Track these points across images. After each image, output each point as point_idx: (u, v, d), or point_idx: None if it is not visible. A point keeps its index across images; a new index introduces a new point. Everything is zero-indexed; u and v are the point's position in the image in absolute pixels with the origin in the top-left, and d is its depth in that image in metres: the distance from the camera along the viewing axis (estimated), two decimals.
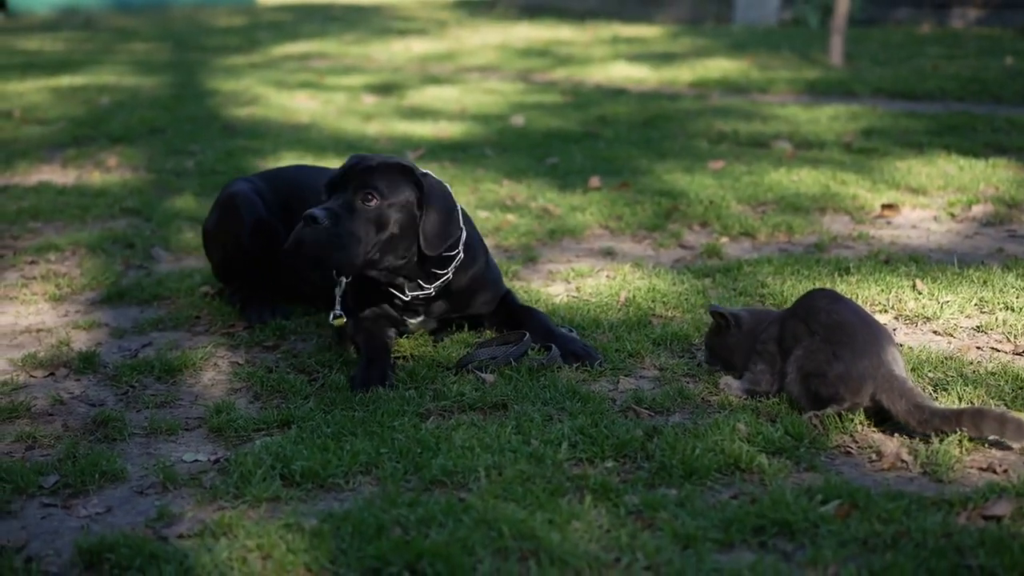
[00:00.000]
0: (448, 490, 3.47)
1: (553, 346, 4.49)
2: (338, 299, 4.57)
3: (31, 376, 4.58)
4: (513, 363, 4.42)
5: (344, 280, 4.55)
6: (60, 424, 4.11)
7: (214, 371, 4.62)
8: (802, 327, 3.94)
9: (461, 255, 4.63)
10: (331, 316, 4.55)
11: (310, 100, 11.57)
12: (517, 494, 3.38)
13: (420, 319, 4.76)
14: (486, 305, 4.83)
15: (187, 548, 3.16)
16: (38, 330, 5.10)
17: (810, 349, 3.87)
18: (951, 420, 3.65)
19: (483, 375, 4.34)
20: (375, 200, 4.33)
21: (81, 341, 4.95)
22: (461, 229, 4.61)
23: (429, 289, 4.60)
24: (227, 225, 5.20)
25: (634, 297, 5.21)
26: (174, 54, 15.90)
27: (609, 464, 3.61)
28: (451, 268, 4.61)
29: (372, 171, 4.37)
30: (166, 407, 4.28)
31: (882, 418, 3.82)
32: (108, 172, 8.22)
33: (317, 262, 4.32)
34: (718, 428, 3.77)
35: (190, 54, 15.88)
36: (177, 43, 17.30)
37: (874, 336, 3.84)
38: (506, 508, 3.29)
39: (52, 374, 4.60)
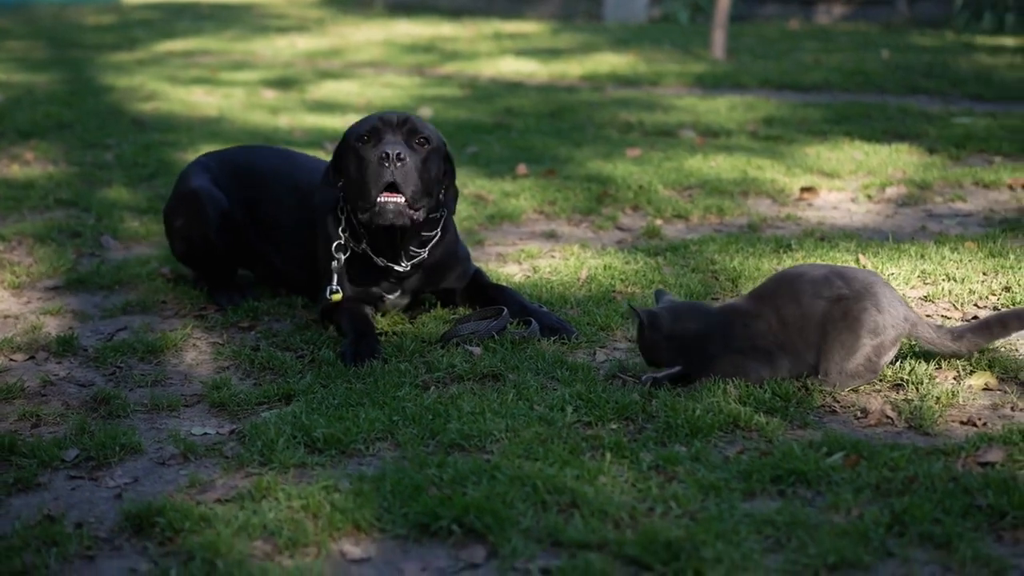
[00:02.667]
0: (469, 453, 3.60)
1: (532, 320, 4.65)
2: (335, 275, 4.68)
3: (11, 360, 4.59)
4: (495, 336, 4.57)
5: (342, 256, 4.67)
6: (59, 403, 4.14)
7: (195, 351, 4.68)
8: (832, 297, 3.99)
9: (439, 234, 4.79)
10: (328, 291, 4.66)
11: (208, 96, 11.52)
12: (539, 454, 3.52)
13: (396, 294, 4.87)
14: (458, 280, 4.96)
15: (234, 511, 3.24)
16: (5, 316, 5.09)
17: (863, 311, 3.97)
18: (982, 331, 4.05)
19: (470, 348, 4.48)
20: (426, 146, 4.61)
21: (53, 326, 4.96)
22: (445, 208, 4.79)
23: (407, 266, 4.75)
24: (192, 222, 5.19)
25: (594, 275, 5.37)
26: (53, 52, 15.64)
27: (614, 426, 3.77)
28: (427, 248, 4.76)
29: (414, 121, 4.63)
30: (158, 385, 4.33)
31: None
32: (28, 165, 8.14)
33: (413, 188, 4.51)
34: (710, 391, 3.96)
35: (70, 51, 15.64)
36: (51, 41, 17.00)
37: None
38: (534, 466, 3.43)
39: (32, 357, 4.62)
